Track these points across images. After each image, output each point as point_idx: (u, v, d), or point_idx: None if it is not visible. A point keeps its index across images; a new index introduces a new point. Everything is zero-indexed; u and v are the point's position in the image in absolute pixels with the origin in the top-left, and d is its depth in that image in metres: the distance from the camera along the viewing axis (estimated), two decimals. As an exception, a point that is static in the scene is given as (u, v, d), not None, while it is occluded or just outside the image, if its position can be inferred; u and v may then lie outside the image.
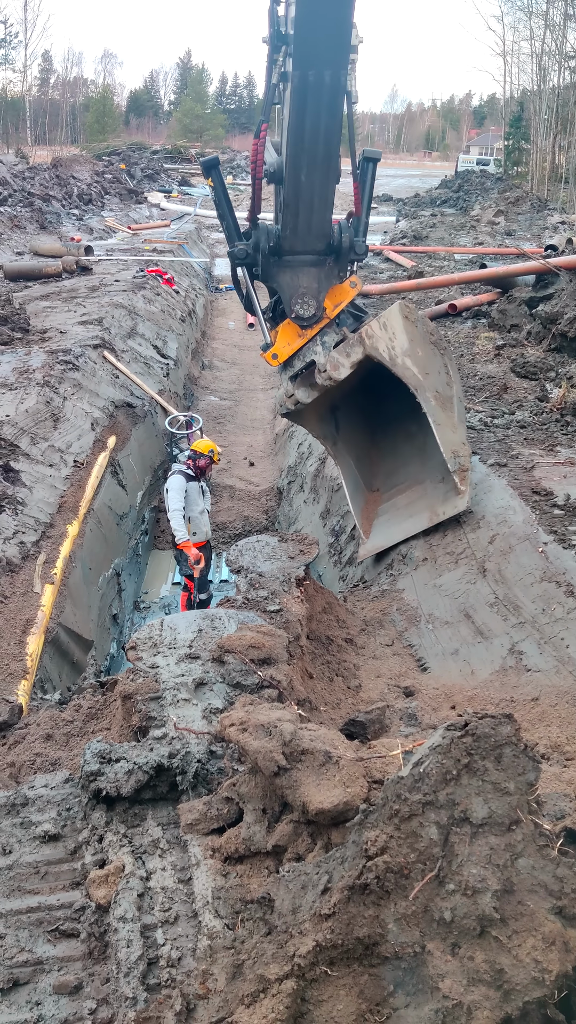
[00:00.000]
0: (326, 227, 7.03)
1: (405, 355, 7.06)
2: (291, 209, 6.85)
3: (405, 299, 6.81)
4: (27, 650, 6.50)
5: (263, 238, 7.06)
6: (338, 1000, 2.29)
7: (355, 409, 8.30)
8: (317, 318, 7.28)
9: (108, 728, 4.82)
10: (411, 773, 2.43)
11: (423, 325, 7.39)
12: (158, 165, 63.45)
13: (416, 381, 7.06)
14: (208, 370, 20.77)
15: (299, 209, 6.83)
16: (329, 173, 6.70)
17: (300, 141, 6.47)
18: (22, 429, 9.86)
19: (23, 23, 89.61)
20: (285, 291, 7.23)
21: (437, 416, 7.08)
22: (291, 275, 7.19)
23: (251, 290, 7.58)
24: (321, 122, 6.40)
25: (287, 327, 7.38)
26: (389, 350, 7.09)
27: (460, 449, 7.16)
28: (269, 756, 3.23)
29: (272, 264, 7.16)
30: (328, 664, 6.04)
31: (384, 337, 7.10)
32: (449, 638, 6.29)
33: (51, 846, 3.67)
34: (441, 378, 7.30)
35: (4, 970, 3.13)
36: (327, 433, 8.19)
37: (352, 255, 7.24)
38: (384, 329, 7.12)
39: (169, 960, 3.00)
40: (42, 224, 30.31)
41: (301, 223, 6.92)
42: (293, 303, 7.19)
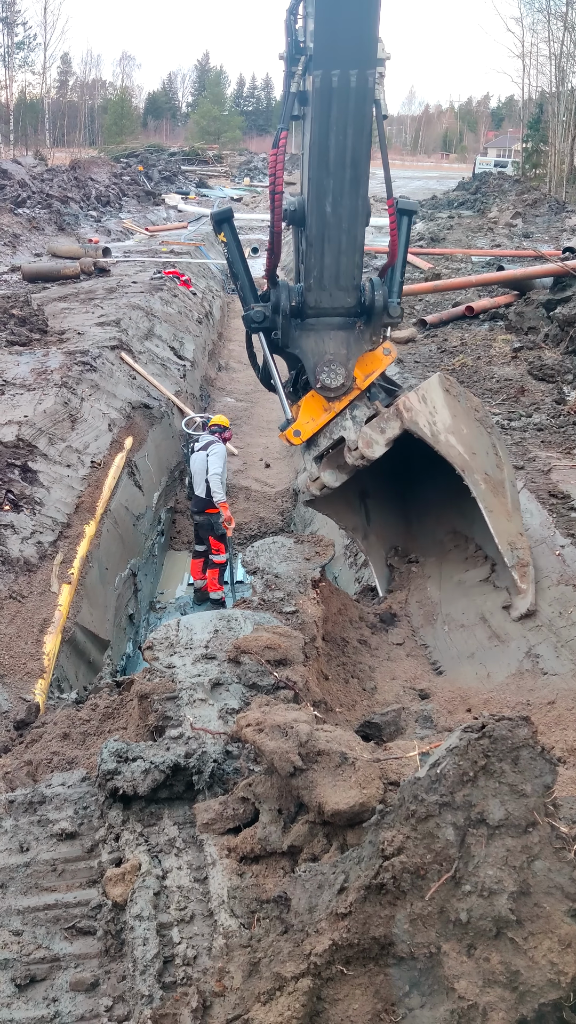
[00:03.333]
0: (356, 276, 6.21)
1: (449, 432, 6.06)
2: (315, 250, 6.04)
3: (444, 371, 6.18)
4: (44, 649, 6.54)
5: (283, 297, 6.20)
6: (354, 999, 2.30)
7: (385, 495, 7.36)
8: (346, 389, 6.39)
9: (124, 727, 4.84)
10: (428, 774, 2.44)
11: (466, 400, 6.36)
12: (175, 167, 63.69)
13: (463, 461, 6.06)
14: (224, 372, 20.82)
15: (324, 250, 6.02)
16: (358, 201, 5.93)
17: (324, 161, 5.77)
18: (40, 430, 9.92)
19: (42, 26, 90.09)
20: (309, 358, 6.36)
21: (489, 502, 6.08)
22: (316, 340, 6.36)
23: (269, 359, 6.59)
24: (348, 136, 5.71)
25: (311, 400, 6.49)
26: (431, 425, 6.08)
27: (517, 540, 6.14)
28: (285, 757, 3.24)
29: (294, 328, 6.33)
30: (343, 666, 6.05)
31: (424, 411, 6.09)
32: (465, 640, 6.28)
33: (68, 844, 3.69)
34: (490, 459, 6.25)
35: (22, 967, 3.16)
36: (357, 524, 7.31)
37: (386, 318, 6.36)
38: (424, 403, 6.12)
39: (185, 958, 3.01)
40: (60, 226, 30.49)
41: (327, 269, 6.11)
42: (318, 372, 6.31)
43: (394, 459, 6.51)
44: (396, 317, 6.43)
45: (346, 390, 6.41)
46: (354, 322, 6.39)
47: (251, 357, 6.97)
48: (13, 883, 3.50)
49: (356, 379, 6.42)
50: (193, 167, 68.96)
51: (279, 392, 6.67)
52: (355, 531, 7.31)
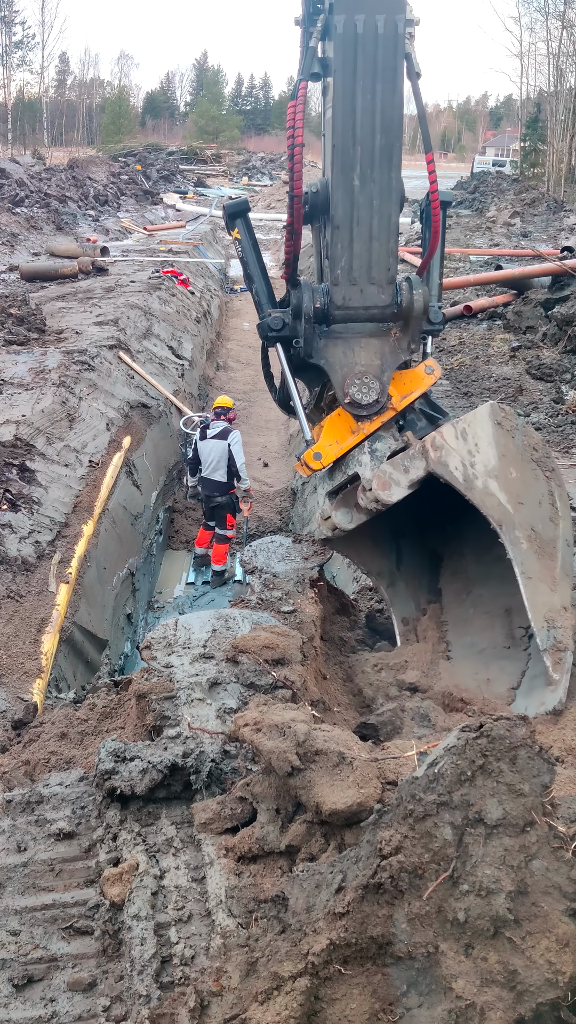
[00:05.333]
0: (390, 266, 5.32)
1: (490, 476, 4.88)
2: (342, 235, 5.21)
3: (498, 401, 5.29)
4: (42, 649, 6.54)
5: (306, 298, 5.28)
6: (351, 999, 2.30)
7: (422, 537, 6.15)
8: (380, 407, 5.41)
9: (122, 727, 4.84)
10: (426, 774, 2.44)
11: (523, 436, 5.09)
12: (174, 166, 63.68)
13: (502, 514, 4.87)
14: (223, 371, 20.82)
15: (353, 234, 5.19)
16: (391, 175, 5.19)
17: (350, 126, 5.04)
18: (38, 429, 9.91)
19: (40, 25, 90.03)
20: (337, 371, 5.40)
21: (529, 565, 4.88)
22: (344, 350, 5.41)
23: (288, 375, 5.60)
24: (376, 94, 4.98)
25: (336, 420, 5.49)
26: (465, 468, 4.91)
27: (558, 617, 4.86)
28: (283, 756, 3.24)
29: (319, 336, 5.39)
30: (341, 665, 6.04)
31: (459, 450, 4.94)
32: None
33: (65, 844, 3.69)
34: (542, 511, 5.05)
35: (19, 967, 3.15)
36: (383, 569, 6.12)
37: (426, 324, 5.49)
38: (462, 439, 4.95)
39: (183, 958, 3.01)
40: (58, 225, 30.47)
41: (357, 259, 5.24)
42: (347, 386, 5.34)
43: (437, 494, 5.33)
44: (438, 324, 5.57)
45: (380, 408, 5.42)
46: (389, 328, 5.45)
47: (267, 376, 6.10)
48: (10, 883, 3.50)
49: (391, 398, 5.45)
50: (191, 166, 68.99)
51: (299, 413, 5.69)
52: (379, 577, 6.11)
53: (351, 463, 5.52)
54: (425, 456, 5.04)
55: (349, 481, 5.57)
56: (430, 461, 5.01)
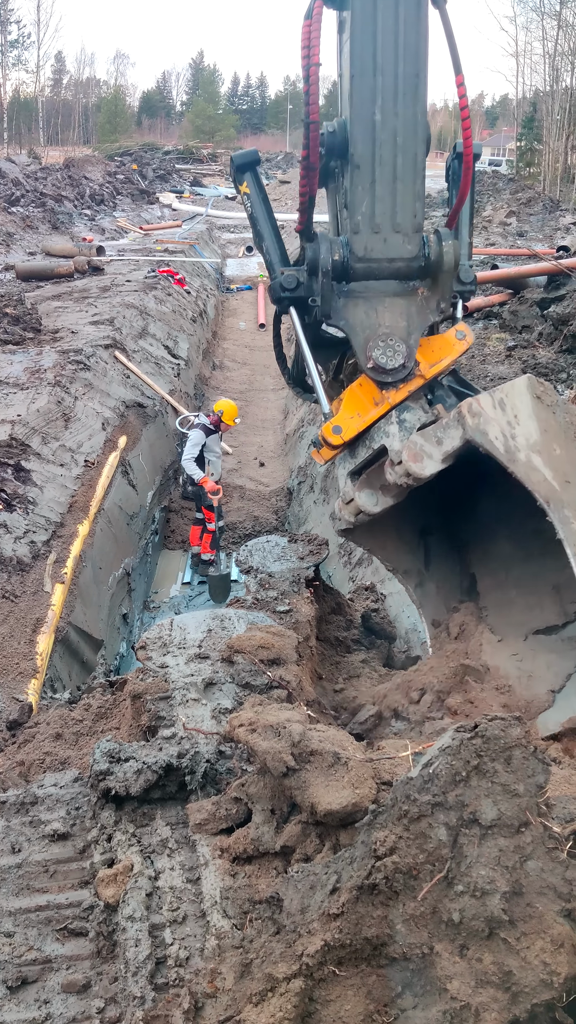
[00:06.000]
0: (417, 212, 4.79)
1: (532, 450, 4.33)
2: (363, 176, 4.68)
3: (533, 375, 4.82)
4: (37, 649, 6.52)
5: (323, 251, 4.73)
6: (346, 1000, 2.29)
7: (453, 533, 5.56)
8: (407, 373, 4.80)
9: (117, 727, 4.83)
10: (420, 774, 2.43)
11: (564, 413, 4.55)
12: (170, 165, 63.68)
13: (548, 491, 4.33)
14: (219, 370, 20.80)
15: (375, 175, 4.67)
16: (415, 108, 4.66)
17: (370, 53, 4.55)
18: (33, 429, 9.90)
19: (36, 24, 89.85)
20: (358, 333, 4.84)
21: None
22: (366, 310, 4.86)
23: (303, 341, 5.05)
24: (399, 15, 4.50)
25: (357, 391, 4.91)
26: (506, 439, 4.33)
27: None
28: (278, 757, 3.23)
29: (337, 295, 4.84)
30: (337, 665, 6.04)
31: (498, 420, 4.36)
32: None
33: (60, 845, 3.68)
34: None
35: (13, 968, 3.14)
36: (411, 567, 5.56)
37: (456, 284, 4.96)
38: (500, 408, 4.36)
39: (177, 960, 3.00)
40: (54, 224, 30.44)
41: (380, 203, 4.73)
42: (370, 349, 4.77)
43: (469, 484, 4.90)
44: (469, 284, 4.99)
45: (406, 375, 4.79)
46: (415, 288, 4.89)
47: (278, 351, 5.53)
48: (5, 884, 3.49)
49: (419, 365, 4.86)
50: (187, 166, 68.95)
51: (316, 383, 5.08)
52: (407, 576, 5.54)
53: (376, 436, 4.87)
54: (462, 423, 4.34)
55: (374, 458, 4.92)
56: (467, 428, 4.30)
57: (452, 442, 4.39)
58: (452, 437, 4.40)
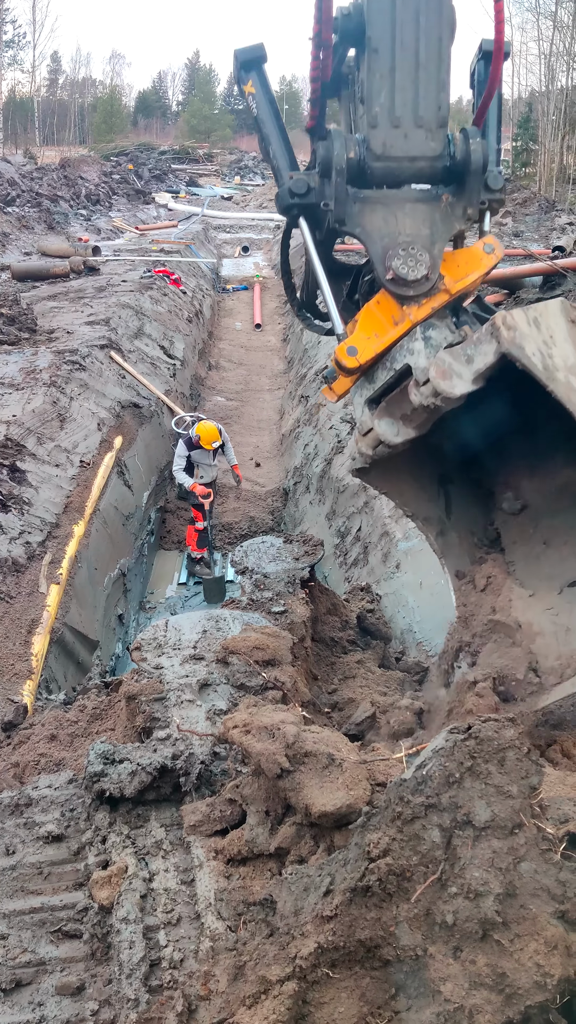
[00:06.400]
0: (441, 105, 4.30)
1: (572, 373, 3.90)
2: (382, 61, 4.18)
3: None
4: (32, 650, 6.51)
5: (336, 148, 4.18)
6: (339, 1002, 2.29)
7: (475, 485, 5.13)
8: (430, 287, 4.27)
9: (112, 729, 4.82)
10: (414, 776, 2.43)
11: None
12: (166, 166, 63.60)
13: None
14: (215, 371, 20.79)
15: (395, 60, 4.18)
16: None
17: None
18: (28, 429, 9.88)
19: (31, 24, 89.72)
20: (375, 241, 4.31)
21: None
22: (385, 217, 4.34)
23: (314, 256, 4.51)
24: None
25: (374, 309, 4.38)
26: (544, 357, 3.88)
27: None
28: (272, 758, 3.23)
29: (352, 201, 4.30)
30: (333, 666, 6.03)
31: (535, 337, 3.90)
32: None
33: (54, 847, 3.67)
34: None
35: (7, 970, 3.13)
36: (431, 515, 5.15)
37: (484, 192, 4.42)
38: (535, 327, 3.91)
39: (171, 962, 3.00)
40: (50, 224, 30.40)
41: (400, 93, 4.21)
42: (389, 258, 4.23)
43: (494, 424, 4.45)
44: (498, 191, 4.48)
45: (430, 288, 4.27)
46: (439, 195, 4.40)
47: (285, 277, 5.01)
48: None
49: (444, 279, 4.34)
50: (183, 166, 68.85)
51: (328, 300, 4.52)
52: (427, 524, 5.13)
53: (398, 356, 4.33)
54: (496, 336, 3.79)
55: (395, 382, 4.37)
56: (503, 341, 3.76)
57: (485, 358, 3.81)
58: (485, 353, 3.83)
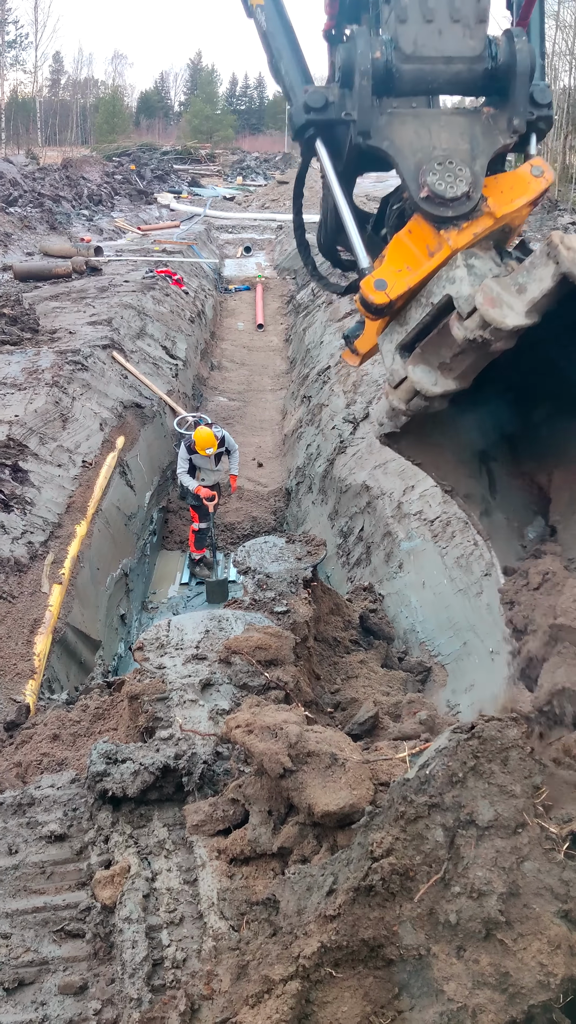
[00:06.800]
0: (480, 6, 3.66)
1: None
2: None
3: None
4: (35, 650, 6.51)
5: (360, 47, 3.57)
6: (343, 1002, 2.29)
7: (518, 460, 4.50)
8: (472, 207, 3.55)
9: (115, 728, 4.82)
10: (417, 775, 2.43)
11: None
12: (168, 166, 63.58)
13: None
14: (217, 371, 20.78)
15: None
16: None
17: None
18: (31, 429, 9.88)
19: (33, 24, 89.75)
20: (406, 157, 3.64)
21: None
22: (417, 129, 3.69)
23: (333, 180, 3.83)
24: None
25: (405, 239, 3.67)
26: None
27: None
28: (275, 758, 3.23)
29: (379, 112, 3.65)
30: (335, 665, 6.03)
31: None
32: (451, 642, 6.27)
33: (57, 846, 3.67)
34: None
35: (10, 970, 3.14)
36: (473, 491, 4.42)
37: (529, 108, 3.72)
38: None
39: (174, 961, 3.00)
40: (52, 225, 30.41)
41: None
42: (423, 174, 3.57)
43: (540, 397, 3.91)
44: (545, 107, 3.80)
45: (472, 209, 3.57)
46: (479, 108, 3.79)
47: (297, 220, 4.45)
48: (1, 886, 3.48)
49: (487, 200, 3.64)
50: (186, 166, 68.84)
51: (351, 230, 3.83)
52: (469, 501, 4.42)
53: (436, 288, 3.61)
54: (555, 257, 3.26)
55: (432, 321, 3.65)
56: (563, 262, 3.21)
57: (541, 284, 3.28)
58: (540, 278, 3.30)
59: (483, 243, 3.61)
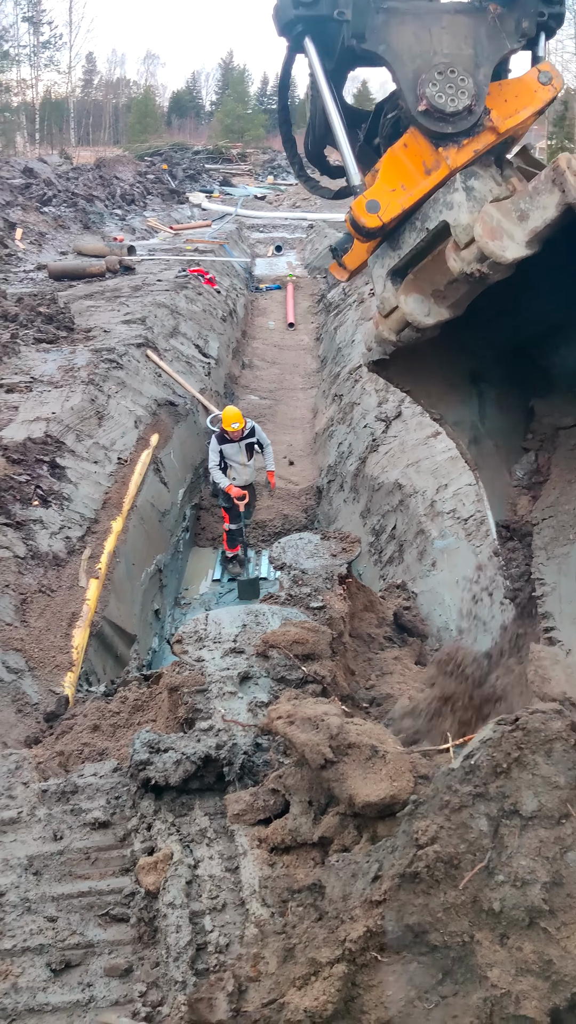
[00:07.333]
0: None
1: None
2: None
3: None
4: (73, 643, 6.62)
5: None
6: (387, 986, 2.33)
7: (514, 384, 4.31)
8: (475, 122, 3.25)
9: (154, 720, 4.89)
10: (462, 765, 2.47)
11: None
12: (199, 165, 63.84)
13: None
14: (248, 369, 20.87)
15: None
16: None
17: None
18: (68, 426, 10.01)
19: (68, 25, 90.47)
20: (404, 63, 3.31)
21: None
22: (416, 31, 3.36)
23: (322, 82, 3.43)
24: None
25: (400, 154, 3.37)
26: None
27: None
28: (316, 749, 3.28)
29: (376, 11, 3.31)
30: (370, 662, 6.07)
31: None
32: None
33: (101, 833, 3.75)
34: None
35: (57, 952, 3.21)
36: (463, 418, 4.30)
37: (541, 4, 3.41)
38: None
39: (217, 946, 3.06)
40: (85, 224, 30.69)
41: None
42: (422, 85, 3.25)
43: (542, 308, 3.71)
44: (557, 3, 3.46)
45: (474, 124, 3.27)
46: (484, 5, 3.43)
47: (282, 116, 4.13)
48: (47, 870, 3.56)
49: (490, 113, 3.31)
50: (217, 165, 69.08)
51: (341, 141, 3.48)
52: (458, 428, 4.29)
53: (432, 213, 3.37)
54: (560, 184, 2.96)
55: (427, 247, 3.44)
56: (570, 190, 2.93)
57: (544, 213, 3.03)
58: (544, 206, 3.03)
59: (484, 159, 3.34)
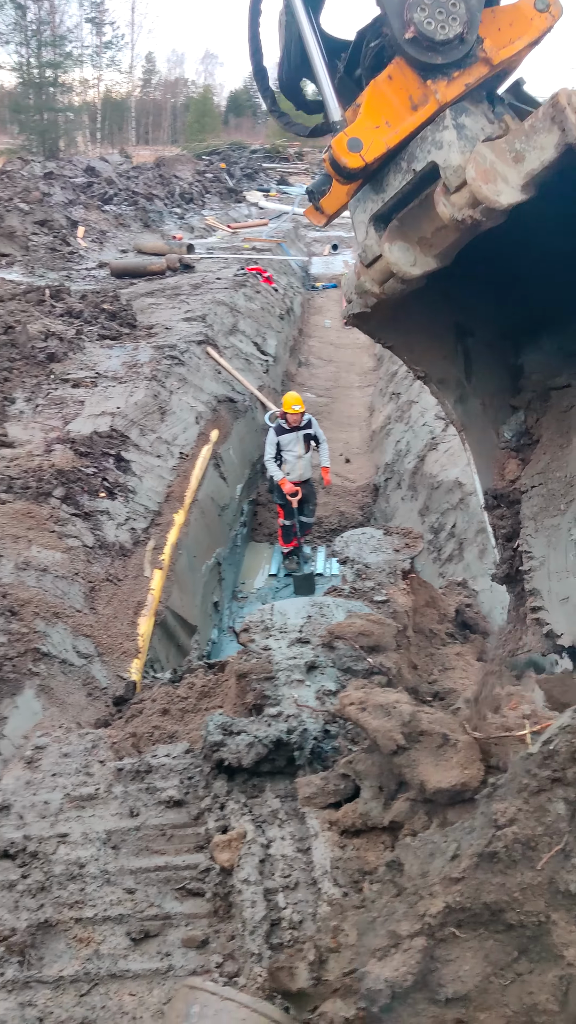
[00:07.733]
0: None
1: None
2: None
3: None
4: (139, 630, 6.78)
5: None
6: (465, 961, 2.40)
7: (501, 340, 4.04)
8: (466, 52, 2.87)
9: (221, 706, 5.01)
10: (540, 751, 2.52)
11: None
12: (257, 164, 64.07)
13: None
14: (305, 367, 20.97)
15: None
16: None
17: None
18: (132, 421, 10.21)
19: (130, 25, 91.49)
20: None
21: None
22: None
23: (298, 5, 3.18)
24: None
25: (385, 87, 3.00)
26: None
27: None
28: (388, 735, 3.35)
29: None
30: (432, 657, 6.12)
31: None
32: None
33: (175, 811, 3.87)
34: None
35: (136, 922, 3.34)
36: (448, 375, 3.99)
37: None
38: None
39: (291, 923, 3.16)
40: (145, 222, 31.05)
41: None
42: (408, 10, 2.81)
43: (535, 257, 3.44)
44: None
45: (465, 55, 2.89)
46: None
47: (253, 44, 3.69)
48: (125, 845, 3.69)
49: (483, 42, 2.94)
50: (274, 164, 69.23)
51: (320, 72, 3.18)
52: (443, 387, 4.01)
53: (419, 152, 3.01)
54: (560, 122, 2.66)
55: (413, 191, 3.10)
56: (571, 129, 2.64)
57: (542, 154, 2.74)
58: (542, 147, 2.75)
59: (475, 94, 3.02)
